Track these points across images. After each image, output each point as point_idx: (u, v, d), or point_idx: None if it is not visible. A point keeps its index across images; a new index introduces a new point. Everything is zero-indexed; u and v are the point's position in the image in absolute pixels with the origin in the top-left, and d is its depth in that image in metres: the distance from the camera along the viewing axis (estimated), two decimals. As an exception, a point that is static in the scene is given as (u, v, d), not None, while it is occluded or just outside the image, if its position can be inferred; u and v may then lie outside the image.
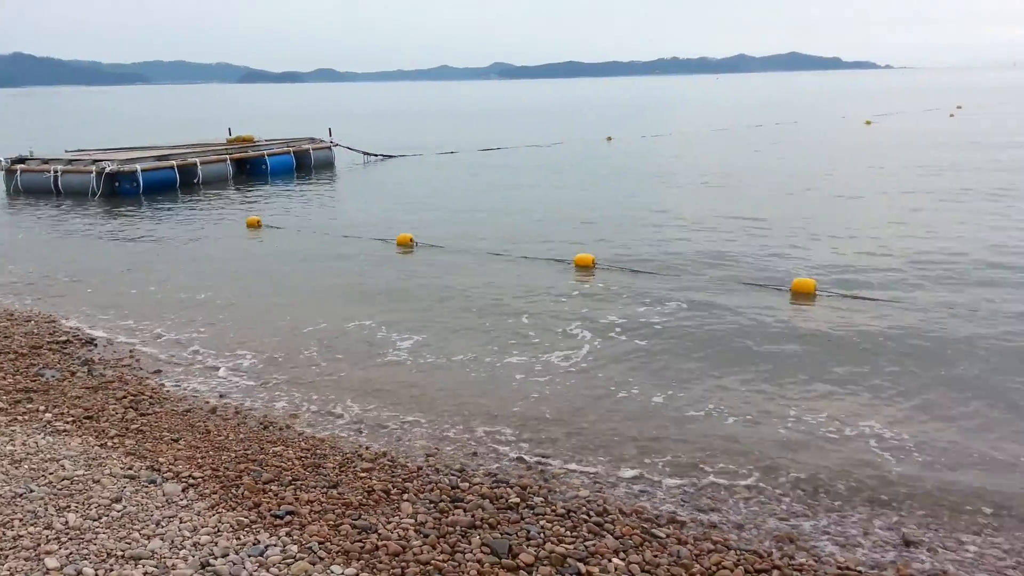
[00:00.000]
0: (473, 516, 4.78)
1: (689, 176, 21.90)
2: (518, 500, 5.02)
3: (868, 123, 41.12)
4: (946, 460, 5.73)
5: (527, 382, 7.38)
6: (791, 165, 23.94)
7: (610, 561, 4.31)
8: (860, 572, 4.33)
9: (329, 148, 26.86)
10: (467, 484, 5.26)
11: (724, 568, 4.29)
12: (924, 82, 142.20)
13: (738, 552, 4.49)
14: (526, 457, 5.85)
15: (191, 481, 5.12)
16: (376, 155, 28.93)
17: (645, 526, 4.75)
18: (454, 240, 13.72)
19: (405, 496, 5.06)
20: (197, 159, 22.15)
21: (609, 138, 35.22)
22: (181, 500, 4.85)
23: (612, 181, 21.41)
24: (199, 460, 5.50)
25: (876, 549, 4.64)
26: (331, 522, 4.65)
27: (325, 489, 5.12)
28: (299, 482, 5.21)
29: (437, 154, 29.92)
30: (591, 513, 4.89)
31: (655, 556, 4.38)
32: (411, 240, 13.39)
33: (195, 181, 21.70)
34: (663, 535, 4.64)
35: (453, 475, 5.44)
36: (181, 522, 4.55)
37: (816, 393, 6.96)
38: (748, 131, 38.49)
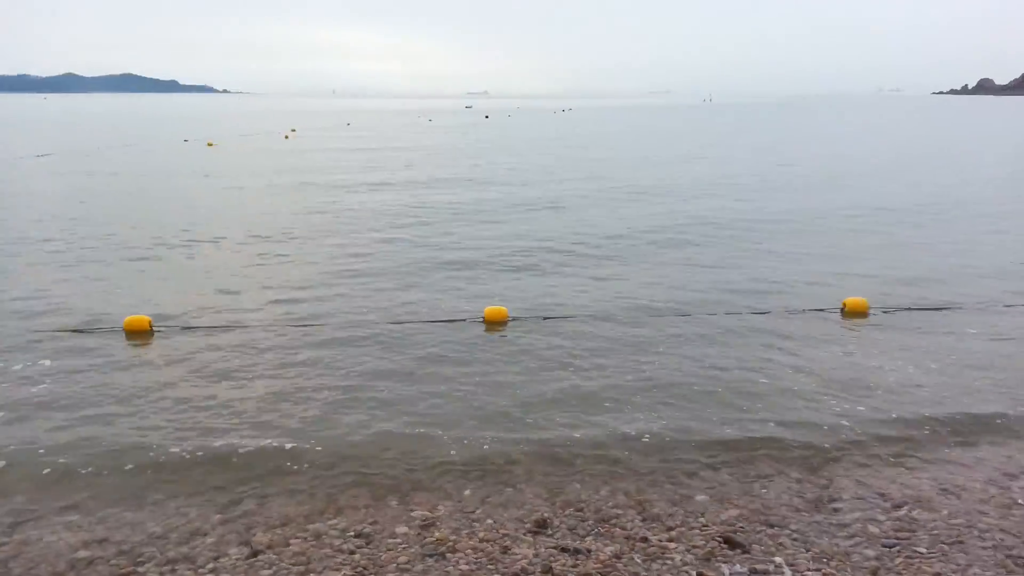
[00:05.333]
0: None
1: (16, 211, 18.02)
2: None
3: (210, 144, 41.01)
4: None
5: None
6: (131, 188, 21.87)
7: None
8: None
9: None
10: None
11: None
12: (261, 107, 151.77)
13: None
14: None
15: None
16: None
17: None
18: None
19: None
20: None
21: None
22: None
23: None
24: None
25: None
26: None
27: None
28: None
29: None
30: None
31: None
32: None
33: None
34: None
35: None
36: None
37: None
38: (81, 156, 34.38)
